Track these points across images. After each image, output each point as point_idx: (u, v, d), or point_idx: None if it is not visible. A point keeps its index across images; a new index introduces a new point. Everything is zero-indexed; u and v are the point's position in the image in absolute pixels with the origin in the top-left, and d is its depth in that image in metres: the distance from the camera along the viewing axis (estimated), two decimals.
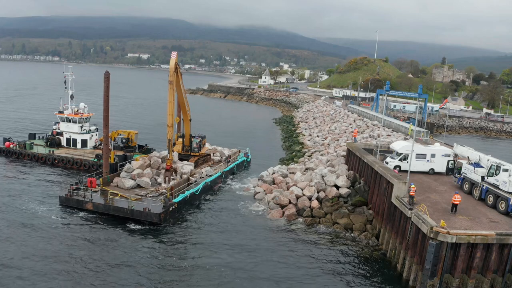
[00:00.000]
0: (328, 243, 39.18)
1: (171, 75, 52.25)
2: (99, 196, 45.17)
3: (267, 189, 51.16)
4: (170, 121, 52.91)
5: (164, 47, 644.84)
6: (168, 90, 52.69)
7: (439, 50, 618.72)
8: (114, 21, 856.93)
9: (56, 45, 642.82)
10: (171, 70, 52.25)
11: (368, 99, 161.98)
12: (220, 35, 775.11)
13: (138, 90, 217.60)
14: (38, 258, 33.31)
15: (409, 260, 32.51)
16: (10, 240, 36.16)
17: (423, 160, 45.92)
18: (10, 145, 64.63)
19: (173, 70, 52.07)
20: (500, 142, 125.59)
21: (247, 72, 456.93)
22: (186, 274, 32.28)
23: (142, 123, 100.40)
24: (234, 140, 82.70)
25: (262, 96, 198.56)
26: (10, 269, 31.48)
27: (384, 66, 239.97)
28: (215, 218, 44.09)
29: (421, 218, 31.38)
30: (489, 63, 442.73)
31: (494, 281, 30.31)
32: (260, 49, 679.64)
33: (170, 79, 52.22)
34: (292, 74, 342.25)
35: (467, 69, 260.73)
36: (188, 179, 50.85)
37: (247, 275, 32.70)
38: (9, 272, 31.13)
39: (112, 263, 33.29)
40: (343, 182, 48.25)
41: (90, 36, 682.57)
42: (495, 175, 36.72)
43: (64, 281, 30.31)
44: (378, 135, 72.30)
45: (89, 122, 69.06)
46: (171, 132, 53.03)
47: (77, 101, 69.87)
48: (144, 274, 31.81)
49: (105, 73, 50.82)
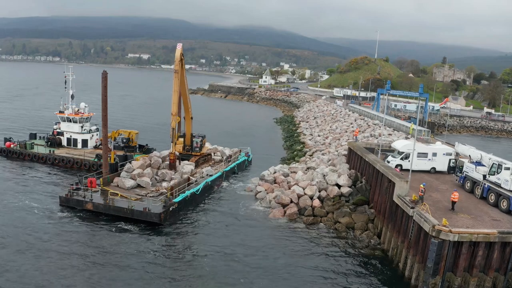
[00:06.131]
0: (330, 242, 39.07)
1: (176, 64, 54.70)
2: (99, 196, 45.08)
3: (268, 188, 51.04)
4: (175, 110, 54.53)
5: (165, 47, 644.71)
6: (173, 80, 55.02)
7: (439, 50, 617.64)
8: (114, 21, 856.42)
9: (56, 46, 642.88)
10: (176, 60, 54.80)
11: (369, 98, 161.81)
12: (220, 35, 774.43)
13: (138, 90, 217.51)
14: (38, 258, 33.23)
15: (411, 259, 32.39)
16: (10, 240, 36.07)
17: (424, 159, 45.91)
18: (11, 145, 64.59)
19: (178, 59, 54.66)
20: (501, 141, 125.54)
21: (247, 72, 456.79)
22: (186, 274, 32.18)
23: (142, 123, 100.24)
24: (235, 140, 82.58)
25: (263, 96, 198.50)
26: (10, 269, 31.41)
27: (385, 66, 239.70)
28: (215, 218, 43.98)
29: (423, 217, 31.28)
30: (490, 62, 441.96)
31: (496, 279, 30.23)
32: (261, 49, 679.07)
33: (176, 68, 54.55)
34: (292, 74, 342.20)
35: (468, 68, 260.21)
36: (188, 178, 50.74)
37: (248, 274, 32.59)
38: (9, 272, 31.05)
39: (112, 263, 33.21)
40: (344, 181, 48.18)
41: (91, 36, 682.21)
42: (497, 174, 36.66)
43: (64, 281, 30.21)
44: (379, 134, 72.16)
45: (90, 122, 69.00)
46: (175, 121, 54.07)
47: (78, 101, 69.83)
48: (144, 274, 31.72)
49: (103, 72, 50.73)
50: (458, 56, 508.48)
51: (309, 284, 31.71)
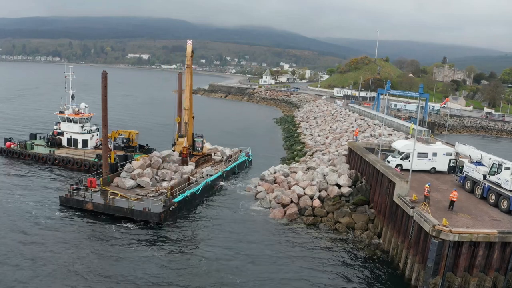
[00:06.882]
0: (330, 242, 39.08)
1: (188, 59, 58.46)
2: (99, 196, 45.08)
3: (268, 188, 51.03)
4: (187, 104, 55.57)
5: (165, 47, 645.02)
6: (185, 74, 58.87)
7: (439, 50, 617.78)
8: (114, 22, 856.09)
9: (56, 46, 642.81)
10: (188, 55, 58.56)
11: (369, 98, 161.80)
12: (220, 35, 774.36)
13: (138, 90, 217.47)
14: (38, 258, 33.21)
15: (411, 259, 32.39)
16: (10, 240, 36.07)
17: (424, 159, 45.91)
18: (11, 145, 64.58)
19: (190, 55, 58.55)
20: (501, 141, 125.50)
21: (247, 72, 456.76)
22: (186, 274, 32.17)
23: (143, 123, 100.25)
24: (235, 140, 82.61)
25: (263, 96, 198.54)
26: (10, 269, 31.40)
27: (385, 66, 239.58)
28: (216, 217, 43.98)
29: (423, 217, 31.27)
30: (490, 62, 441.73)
31: (496, 279, 30.22)
32: (261, 49, 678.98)
33: (188, 63, 58.26)
34: (292, 74, 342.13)
35: (468, 68, 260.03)
36: (188, 178, 50.75)
37: (249, 274, 32.59)
38: (9, 272, 31.03)
39: (112, 263, 33.22)
40: (344, 181, 48.17)
41: (91, 37, 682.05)
42: (497, 174, 36.66)
43: (64, 281, 30.21)
44: (380, 134, 72.15)
45: (90, 122, 68.99)
46: (187, 115, 55.71)
47: (78, 101, 69.82)
48: (144, 274, 31.71)
49: (103, 72, 50.75)
50: (458, 56, 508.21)
51: (309, 284, 31.69)
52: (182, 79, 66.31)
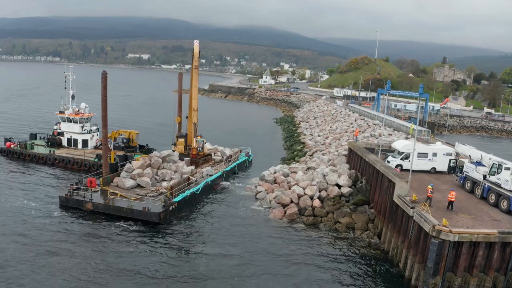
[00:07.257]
0: (330, 242, 39.07)
1: (195, 60, 58.57)
2: (99, 196, 45.09)
3: (268, 188, 51.03)
4: (195, 105, 55.73)
5: (165, 47, 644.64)
6: (193, 75, 58.75)
7: (439, 50, 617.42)
8: (114, 22, 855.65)
9: (56, 46, 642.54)
10: (195, 56, 58.58)
11: (369, 98, 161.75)
12: (220, 35, 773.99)
13: (138, 90, 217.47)
14: (38, 258, 33.22)
15: (411, 259, 32.39)
16: (10, 240, 36.08)
17: (424, 159, 45.91)
18: (11, 145, 64.59)
19: (197, 56, 58.90)
20: (501, 141, 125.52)
21: (247, 72, 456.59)
22: (186, 274, 32.16)
23: (143, 123, 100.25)
24: (235, 140, 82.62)
25: (263, 96, 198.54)
26: (9, 269, 31.40)
27: (385, 66, 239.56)
28: (215, 217, 43.98)
29: (423, 217, 31.27)
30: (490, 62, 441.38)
31: (496, 279, 30.23)
32: (261, 49, 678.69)
33: (195, 64, 58.57)
34: (292, 74, 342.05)
35: (468, 68, 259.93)
36: (188, 178, 50.76)
37: (248, 274, 32.59)
38: (8, 272, 31.04)
39: (112, 262, 33.20)
40: (344, 181, 48.17)
41: (91, 37, 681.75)
42: (497, 174, 36.66)
43: (64, 281, 30.22)
44: (380, 134, 72.14)
45: (90, 122, 68.99)
46: (196, 116, 55.68)
47: (78, 101, 69.82)
48: (144, 274, 31.71)
49: (103, 72, 50.76)
50: (458, 56, 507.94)
51: (309, 284, 31.69)
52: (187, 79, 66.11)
